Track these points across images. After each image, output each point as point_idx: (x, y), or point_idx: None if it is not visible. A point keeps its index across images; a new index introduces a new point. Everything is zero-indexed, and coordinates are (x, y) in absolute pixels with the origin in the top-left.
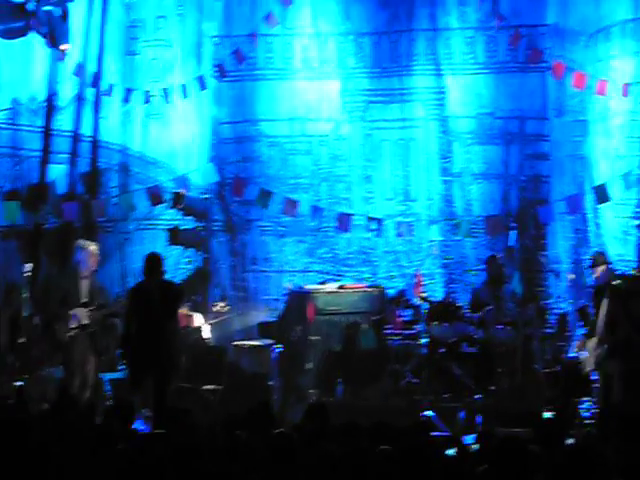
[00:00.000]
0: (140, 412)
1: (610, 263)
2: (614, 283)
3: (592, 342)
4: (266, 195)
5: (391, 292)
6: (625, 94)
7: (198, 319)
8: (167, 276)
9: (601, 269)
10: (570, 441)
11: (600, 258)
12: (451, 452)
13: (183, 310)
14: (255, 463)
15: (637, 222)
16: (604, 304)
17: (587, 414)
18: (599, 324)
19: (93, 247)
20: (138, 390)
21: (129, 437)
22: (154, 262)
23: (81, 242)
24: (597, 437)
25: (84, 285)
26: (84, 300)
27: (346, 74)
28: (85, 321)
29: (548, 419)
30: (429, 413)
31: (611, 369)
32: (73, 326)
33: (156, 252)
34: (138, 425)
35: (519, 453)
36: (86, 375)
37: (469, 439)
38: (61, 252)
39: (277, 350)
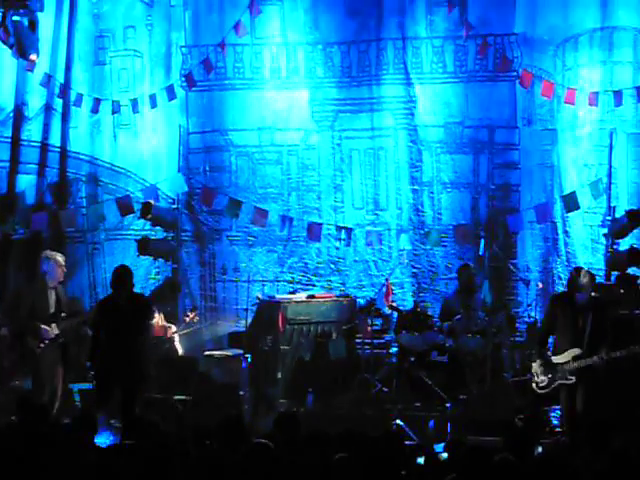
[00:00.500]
0: (108, 423)
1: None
2: (596, 295)
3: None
4: (235, 205)
5: (361, 301)
6: (593, 103)
7: (172, 329)
8: (137, 286)
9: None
10: (539, 449)
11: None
12: (421, 461)
13: (159, 321)
14: (225, 474)
15: (606, 230)
16: (589, 318)
17: (557, 422)
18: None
19: (59, 258)
20: (106, 402)
21: (92, 449)
22: (122, 275)
23: (47, 253)
24: (566, 445)
25: (51, 296)
26: (51, 311)
27: (315, 83)
28: (55, 331)
29: (518, 427)
30: (399, 422)
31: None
32: (45, 340)
33: (124, 265)
34: (106, 437)
35: (487, 462)
36: (56, 386)
37: (439, 448)
38: (30, 263)
39: (247, 360)
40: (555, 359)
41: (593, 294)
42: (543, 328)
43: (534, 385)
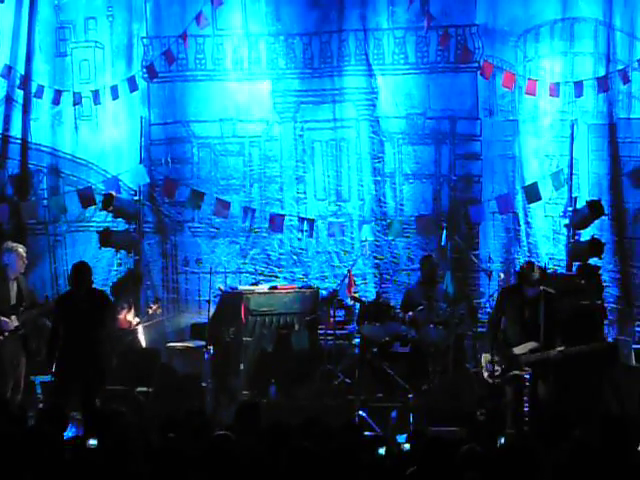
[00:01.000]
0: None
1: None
2: (546, 289)
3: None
4: (197, 196)
5: (323, 292)
6: (554, 94)
7: (134, 322)
8: (99, 278)
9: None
10: (502, 440)
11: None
12: (382, 451)
13: (130, 314)
14: (188, 465)
15: (567, 221)
16: (540, 311)
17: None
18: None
19: (21, 249)
20: (65, 397)
21: (61, 441)
22: (81, 271)
23: (9, 244)
24: (529, 435)
25: (12, 288)
26: (12, 303)
27: (277, 75)
28: (15, 323)
29: (480, 418)
30: (362, 413)
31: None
32: (5, 331)
33: (83, 261)
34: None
35: (448, 452)
36: (18, 378)
37: (401, 438)
38: None
39: (210, 351)
40: (513, 350)
41: (543, 287)
42: (492, 321)
43: (485, 375)
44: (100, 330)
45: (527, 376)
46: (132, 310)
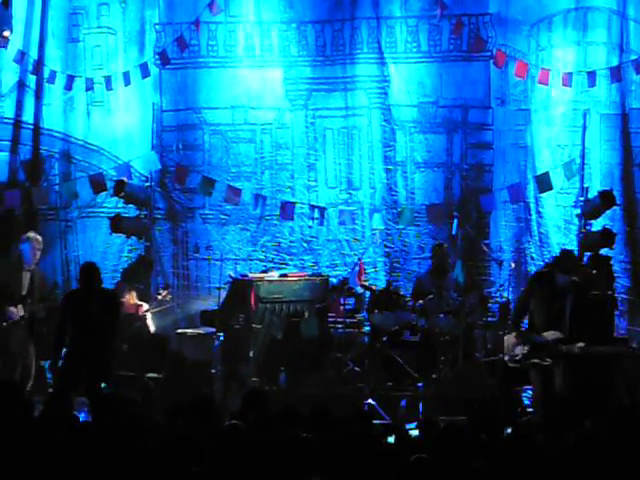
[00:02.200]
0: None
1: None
2: (576, 279)
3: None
4: (208, 183)
5: (334, 280)
6: (567, 83)
7: (144, 307)
8: (109, 264)
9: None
10: (508, 430)
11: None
12: (391, 439)
13: (131, 299)
14: (197, 452)
15: (579, 211)
16: (568, 301)
17: (528, 402)
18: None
19: (36, 241)
20: (73, 384)
21: (68, 426)
22: (90, 272)
23: (27, 234)
24: (536, 425)
25: (25, 278)
26: (23, 293)
27: (289, 62)
28: (21, 313)
29: (489, 407)
30: (371, 401)
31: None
32: (10, 320)
33: (91, 262)
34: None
35: (459, 441)
36: (28, 365)
37: (410, 427)
38: (2, 240)
39: (219, 338)
40: (536, 339)
41: (574, 278)
42: (520, 303)
43: (506, 358)
44: (108, 332)
45: None
46: (134, 293)
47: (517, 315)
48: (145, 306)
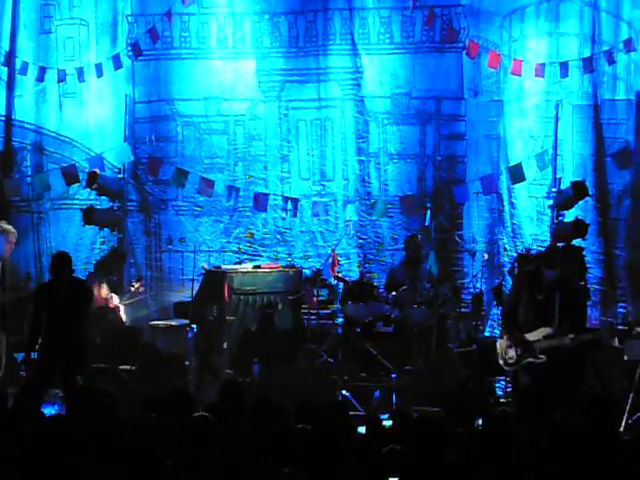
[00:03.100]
0: (51, 393)
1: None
2: (564, 274)
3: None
4: (181, 175)
5: (307, 272)
6: (539, 74)
7: (116, 300)
8: (82, 256)
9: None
10: (481, 420)
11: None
12: (362, 430)
13: (103, 291)
14: (171, 444)
15: (551, 202)
16: (556, 296)
17: (501, 393)
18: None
19: (11, 233)
20: (48, 381)
21: (36, 418)
22: (61, 261)
23: (1, 225)
24: (511, 416)
25: None
26: None
27: (262, 53)
28: None
29: (461, 398)
30: (345, 392)
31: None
32: None
33: (63, 251)
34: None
35: (433, 431)
36: (0, 356)
37: (384, 418)
38: None
39: (193, 330)
40: (526, 337)
41: (560, 272)
42: (510, 304)
43: (501, 362)
44: (81, 320)
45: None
46: (104, 285)
47: (508, 318)
48: (116, 298)
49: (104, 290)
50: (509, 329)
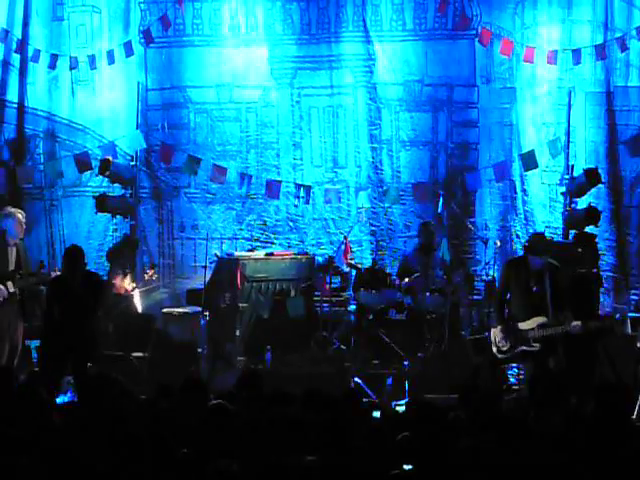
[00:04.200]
0: (64, 380)
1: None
2: (551, 261)
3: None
4: (194, 162)
5: (319, 259)
6: (552, 61)
7: (131, 287)
8: (94, 243)
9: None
10: (496, 407)
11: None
12: (377, 414)
13: (126, 281)
14: (185, 432)
15: (564, 189)
16: (546, 283)
17: (514, 380)
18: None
19: (20, 215)
20: (59, 372)
21: (53, 405)
22: (74, 255)
23: (8, 209)
24: (523, 403)
25: (11, 254)
26: (11, 268)
27: (274, 40)
28: (11, 289)
29: (474, 386)
30: (357, 380)
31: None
32: (5, 294)
33: (76, 245)
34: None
35: (440, 418)
36: (16, 343)
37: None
38: None
39: (205, 317)
40: (520, 325)
41: (548, 260)
42: (499, 293)
43: (494, 349)
44: (94, 313)
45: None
46: (128, 276)
47: (498, 307)
48: (131, 285)
49: (127, 280)
50: (501, 319)
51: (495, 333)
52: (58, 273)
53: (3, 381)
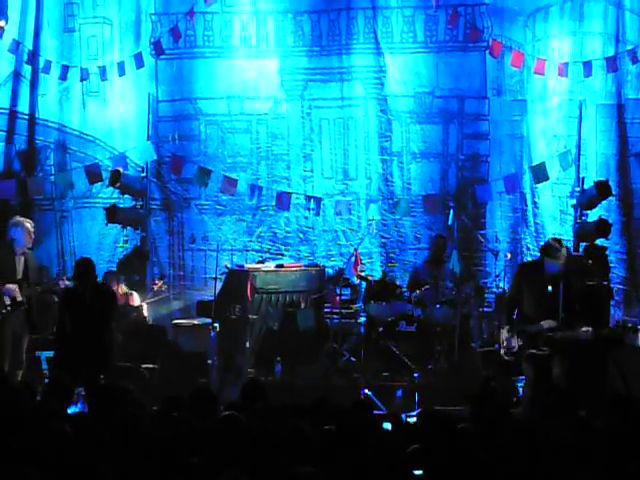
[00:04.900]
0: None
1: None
2: (566, 267)
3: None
4: (204, 173)
5: (330, 271)
6: (563, 74)
7: (137, 298)
8: (105, 255)
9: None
10: (506, 419)
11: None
12: (387, 426)
13: (122, 289)
14: (195, 442)
15: (574, 202)
16: (560, 288)
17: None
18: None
19: (28, 224)
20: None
21: (65, 416)
22: (85, 267)
23: (16, 219)
24: (533, 415)
25: (19, 263)
26: (18, 277)
27: (285, 52)
28: (18, 298)
29: (485, 398)
30: (367, 392)
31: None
32: (6, 303)
33: (87, 257)
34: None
35: (451, 430)
36: (20, 353)
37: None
38: None
39: (216, 329)
40: (530, 328)
41: (565, 266)
42: (510, 296)
43: (502, 351)
44: (106, 325)
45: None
46: (122, 283)
47: (509, 309)
48: (135, 295)
49: (122, 288)
50: (510, 320)
51: (504, 334)
52: (67, 282)
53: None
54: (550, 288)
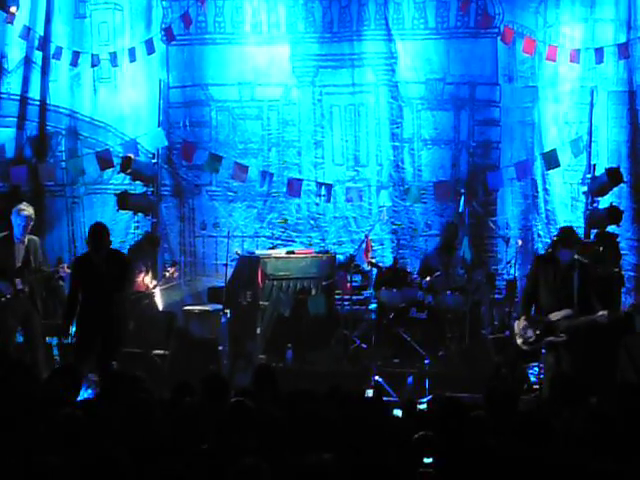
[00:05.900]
0: (87, 378)
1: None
2: (581, 259)
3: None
4: (215, 160)
5: (340, 257)
6: (574, 60)
7: (152, 285)
8: (116, 241)
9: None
10: (518, 406)
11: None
12: (398, 413)
13: (147, 278)
14: (206, 428)
15: (586, 188)
16: (574, 277)
17: (534, 379)
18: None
19: (26, 212)
20: (86, 358)
21: (73, 402)
22: (99, 233)
23: (18, 207)
24: (544, 402)
25: (19, 250)
26: (19, 265)
27: (296, 39)
28: (19, 286)
29: (496, 384)
30: (378, 378)
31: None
32: (6, 294)
33: (101, 222)
34: (84, 391)
35: (462, 416)
36: (32, 335)
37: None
38: (9, 217)
39: (226, 315)
40: (547, 319)
41: (577, 256)
42: (527, 289)
43: (520, 341)
44: (119, 291)
45: None
46: (150, 273)
47: (526, 302)
48: (153, 283)
49: (149, 278)
50: (527, 313)
51: (518, 324)
52: (67, 270)
53: (25, 377)
54: (564, 277)
